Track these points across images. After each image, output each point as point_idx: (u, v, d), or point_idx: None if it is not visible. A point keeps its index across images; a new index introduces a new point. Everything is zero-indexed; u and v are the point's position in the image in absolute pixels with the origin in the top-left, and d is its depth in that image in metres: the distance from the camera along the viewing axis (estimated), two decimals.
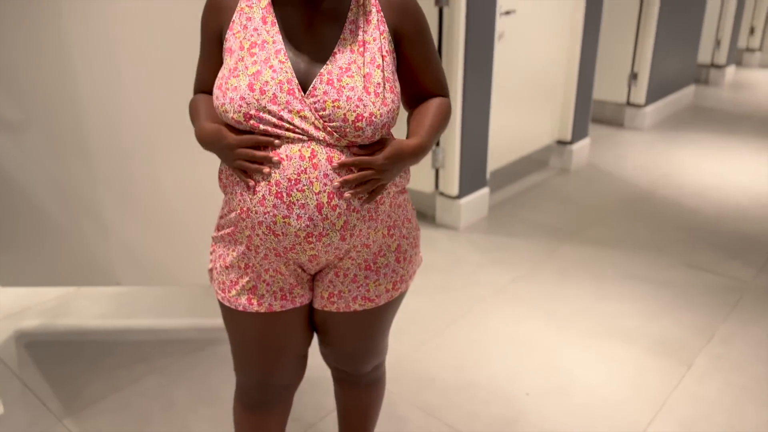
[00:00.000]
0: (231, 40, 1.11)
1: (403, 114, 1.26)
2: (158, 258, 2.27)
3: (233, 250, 1.20)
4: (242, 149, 1.08)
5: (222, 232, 1.21)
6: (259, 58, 1.07)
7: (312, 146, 1.06)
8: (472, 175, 3.21)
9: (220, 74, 1.11)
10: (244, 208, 1.12)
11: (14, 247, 2.29)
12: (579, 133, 4.02)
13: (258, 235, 1.13)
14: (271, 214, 1.09)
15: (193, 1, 1.74)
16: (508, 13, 3.19)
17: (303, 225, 1.09)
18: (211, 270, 1.26)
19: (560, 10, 3.61)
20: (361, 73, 1.07)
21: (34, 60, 2.00)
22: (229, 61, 1.10)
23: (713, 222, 3.30)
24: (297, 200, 1.07)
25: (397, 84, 1.14)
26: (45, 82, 2.03)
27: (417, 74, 1.19)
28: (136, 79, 2.00)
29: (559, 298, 2.61)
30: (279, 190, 1.07)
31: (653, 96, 4.90)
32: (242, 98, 1.05)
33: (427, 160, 3.15)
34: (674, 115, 5.25)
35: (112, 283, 2.34)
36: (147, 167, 2.12)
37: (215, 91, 1.10)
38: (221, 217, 1.22)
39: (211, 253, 1.27)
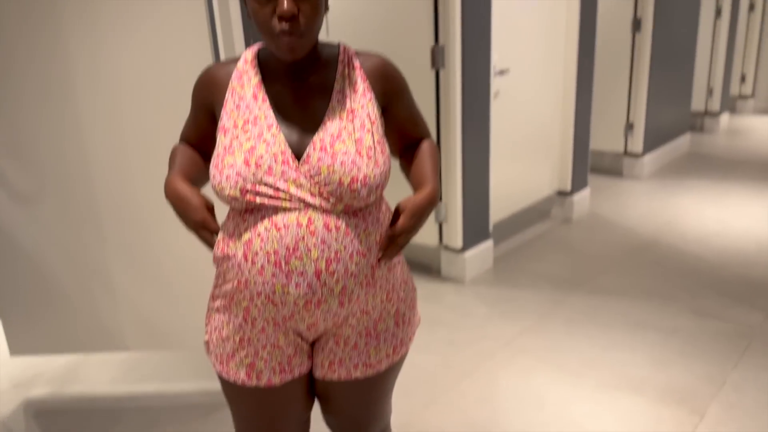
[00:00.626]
0: (225, 119, 1.15)
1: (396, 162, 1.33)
2: (166, 322, 2.29)
3: (229, 322, 1.20)
4: (204, 231, 1.11)
5: (217, 303, 1.22)
6: (252, 134, 1.11)
7: (309, 213, 1.09)
8: (475, 228, 3.25)
9: (215, 153, 1.14)
10: (242, 279, 1.13)
11: (24, 316, 2.32)
12: (579, 183, 4.08)
13: (257, 305, 1.14)
14: (270, 283, 1.10)
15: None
16: (502, 72, 3.30)
17: (302, 292, 1.11)
18: (207, 342, 1.26)
19: (553, 67, 3.73)
20: (352, 139, 1.12)
21: (50, 135, 2.09)
22: (223, 140, 1.13)
23: (718, 268, 3.30)
24: (295, 268, 1.09)
25: (387, 146, 1.18)
26: (59, 155, 2.11)
27: (405, 128, 1.28)
28: (143, 149, 2.08)
29: (567, 349, 2.60)
30: (277, 259, 1.09)
31: (650, 145, 4.99)
32: (238, 174, 1.09)
33: (430, 215, 3.19)
34: (672, 163, 5.33)
35: (120, 348, 2.35)
36: (155, 233, 2.17)
37: (211, 170, 1.13)
38: (216, 287, 1.22)
39: (206, 324, 1.26)
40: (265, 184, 1.09)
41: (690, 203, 4.33)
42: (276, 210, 1.10)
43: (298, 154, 1.11)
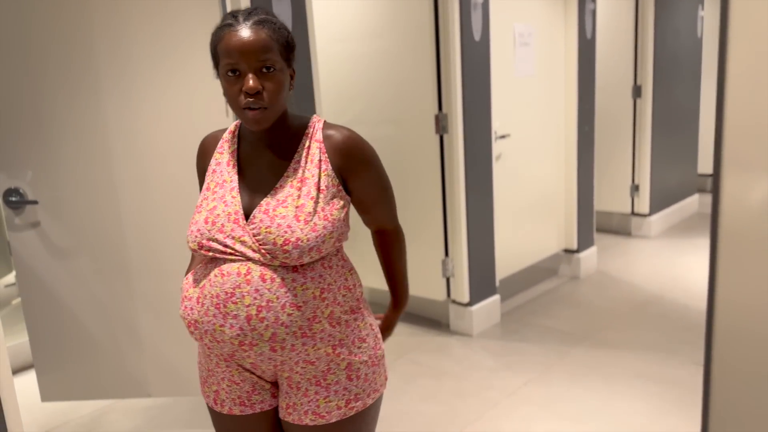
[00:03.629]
0: (206, 181, 1.35)
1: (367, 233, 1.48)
2: (188, 370, 2.45)
3: (201, 353, 1.39)
4: None
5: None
6: (217, 195, 1.29)
7: (248, 265, 1.23)
8: (482, 283, 3.40)
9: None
10: (192, 320, 1.29)
11: (56, 364, 2.50)
12: (585, 242, 4.22)
13: (206, 343, 1.29)
14: (211, 322, 1.25)
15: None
16: (503, 137, 3.52)
17: (235, 333, 1.23)
18: (199, 362, 1.43)
19: (553, 132, 3.95)
20: (294, 204, 1.24)
21: (87, 195, 2.33)
22: (199, 199, 1.33)
23: None
24: (231, 311, 1.23)
25: (334, 212, 1.26)
26: (95, 214, 2.34)
27: (368, 204, 1.37)
28: (171, 207, 2.30)
29: (569, 399, 2.68)
30: (218, 302, 1.24)
31: (657, 206, 5.13)
32: (198, 230, 1.27)
33: (437, 270, 3.36)
34: (680, 223, 5.44)
35: (144, 395, 2.51)
36: (178, 285, 2.36)
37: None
38: None
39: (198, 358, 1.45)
40: (216, 240, 1.25)
41: (697, 261, 4.42)
42: (225, 260, 1.26)
43: (248, 214, 1.26)
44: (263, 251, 1.23)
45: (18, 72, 2.23)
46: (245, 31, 1.20)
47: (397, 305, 1.55)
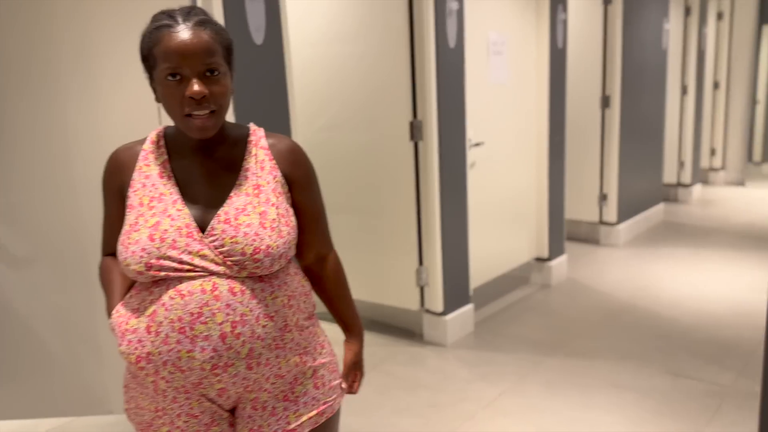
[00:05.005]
0: (132, 197, 1.20)
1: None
2: None
3: (142, 393, 1.22)
4: None
5: (129, 375, 1.24)
6: (157, 210, 1.16)
7: (213, 279, 1.13)
8: (456, 292, 3.36)
9: (122, 230, 1.18)
10: (142, 355, 1.15)
11: (10, 380, 2.36)
12: (555, 250, 4.22)
13: (163, 377, 1.15)
14: (175, 350, 1.12)
15: None
16: (477, 145, 3.50)
17: (207, 357, 1.12)
18: (127, 410, 1.27)
19: (526, 141, 3.95)
20: (256, 212, 1.17)
21: (45, 200, 2.21)
22: (129, 217, 1.18)
23: (691, 330, 3.41)
24: (200, 333, 1.11)
25: (293, 218, 1.23)
26: (53, 220, 2.22)
27: (308, 221, 1.29)
28: None
29: (546, 410, 2.65)
30: (182, 326, 1.11)
31: (624, 214, 5.18)
32: (143, 249, 1.13)
33: (411, 279, 3.30)
34: (647, 232, 5.51)
35: (104, 411, 2.38)
36: None
37: (118, 247, 1.17)
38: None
39: (125, 393, 1.27)
40: (169, 258, 1.13)
41: (664, 269, 4.47)
42: (181, 279, 1.13)
43: (202, 227, 1.16)
44: (229, 263, 1.14)
45: None
46: (186, 33, 1.11)
47: (358, 335, 1.44)
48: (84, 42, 2.10)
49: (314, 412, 1.25)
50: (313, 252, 1.34)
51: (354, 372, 1.42)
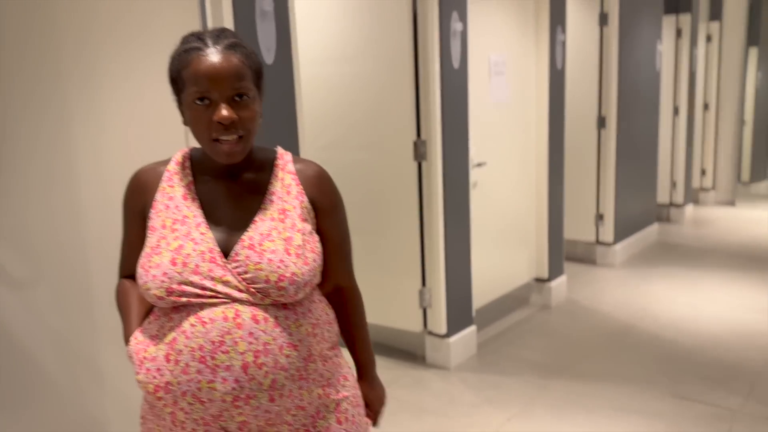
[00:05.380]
0: (154, 219, 1.16)
1: None
2: None
3: (158, 424, 1.17)
4: None
5: (146, 406, 1.19)
6: (180, 233, 1.12)
7: (235, 307, 1.09)
8: (459, 314, 3.32)
9: (142, 253, 1.14)
10: (161, 384, 1.10)
11: (7, 405, 2.28)
12: (555, 270, 4.21)
13: (182, 408, 1.10)
14: (195, 380, 1.07)
15: None
16: (480, 165, 3.49)
17: (229, 388, 1.07)
18: None
19: (526, 160, 3.95)
20: (281, 237, 1.13)
21: (46, 222, 2.15)
22: (151, 239, 1.14)
23: (694, 352, 3.39)
24: (221, 362, 1.06)
25: (318, 245, 1.19)
26: (55, 241, 2.16)
27: (330, 249, 1.24)
28: None
29: None
30: (203, 355, 1.07)
31: (620, 234, 5.19)
32: (164, 274, 1.09)
33: (414, 300, 3.26)
34: (642, 252, 5.53)
35: None
36: None
37: (138, 270, 1.13)
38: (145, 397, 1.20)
39: (141, 422, 1.23)
40: (191, 284, 1.09)
41: (662, 290, 4.47)
42: (202, 306, 1.09)
43: (226, 252, 1.12)
44: (252, 290, 1.10)
45: None
46: (216, 56, 1.08)
47: (371, 370, 1.40)
48: (91, 63, 2.06)
49: None
50: (333, 282, 1.30)
51: (368, 411, 1.37)
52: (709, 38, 7.49)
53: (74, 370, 2.25)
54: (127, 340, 1.19)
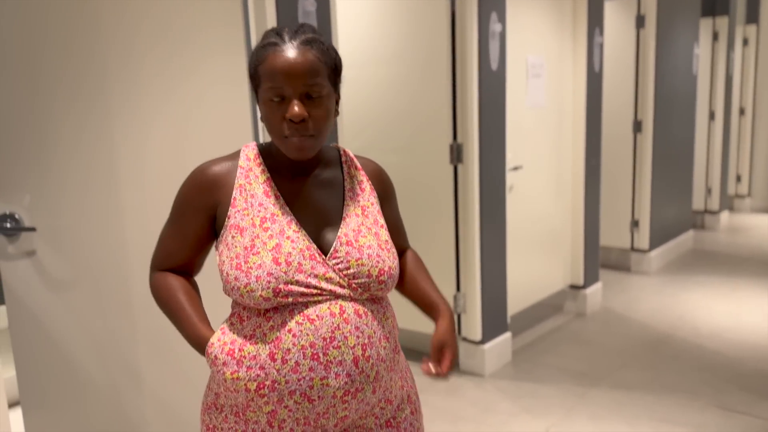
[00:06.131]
0: (237, 219, 1.12)
1: None
2: (189, 412, 2.25)
3: (246, 429, 1.12)
4: None
5: (224, 413, 1.15)
6: (274, 232, 1.10)
7: (339, 302, 1.10)
8: (494, 320, 3.26)
9: (232, 254, 1.11)
10: (266, 383, 1.08)
11: (46, 403, 2.28)
12: (591, 277, 4.12)
13: (287, 406, 1.08)
14: (307, 378, 1.06)
15: None
16: (516, 168, 3.43)
17: (342, 383, 1.08)
18: None
19: (562, 165, 3.88)
20: (371, 233, 1.17)
21: (87, 224, 2.15)
22: (241, 239, 1.10)
23: (736, 363, 3.29)
24: (334, 358, 1.07)
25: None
26: (97, 243, 2.16)
27: (391, 231, 1.29)
28: None
29: None
30: (314, 352, 1.06)
31: (656, 241, 5.08)
32: (270, 274, 1.07)
33: None
34: (678, 259, 5.40)
35: None
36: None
37: (230, 271, 1.10)
38: (217, 396, 1.16)
39: (204, 420, 1.19)
40: (297, 282, 1.08)
41: (700, 298, 4.36)
42: (306, 304, 1.09)
43: (320, 248, 1.13)
44: (354, 285, 1.11)
45: (23, 90, 2.06)
46: (292, 52, 1.07)
47: (447, 311, 1.27)
48: (133, 62, 2.06)
49: None
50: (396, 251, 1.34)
51: (443, 350, 1.23)
52: (745, 41, 7.32)
53: (113, 372, 2.24)
54: (196, 340, 1.16)
